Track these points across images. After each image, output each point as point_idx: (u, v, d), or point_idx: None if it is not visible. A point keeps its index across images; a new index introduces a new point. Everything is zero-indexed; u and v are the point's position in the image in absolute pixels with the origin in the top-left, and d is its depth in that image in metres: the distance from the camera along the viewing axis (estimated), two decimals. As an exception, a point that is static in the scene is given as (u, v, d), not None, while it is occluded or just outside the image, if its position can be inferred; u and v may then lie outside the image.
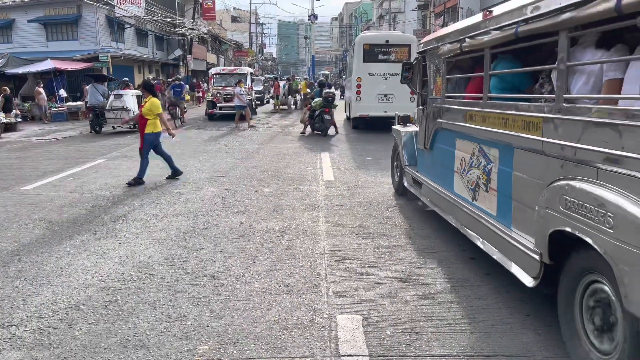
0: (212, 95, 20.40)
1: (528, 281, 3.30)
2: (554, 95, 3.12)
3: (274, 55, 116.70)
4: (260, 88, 27.96)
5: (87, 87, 18.61)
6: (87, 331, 3.38)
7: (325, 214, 6.24)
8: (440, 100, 5.19)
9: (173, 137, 8.80)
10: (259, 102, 25.82)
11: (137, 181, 7.99)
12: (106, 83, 19.04)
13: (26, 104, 21.13)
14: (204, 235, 5.44)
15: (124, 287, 4.10)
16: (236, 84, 17.89)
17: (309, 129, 14.85)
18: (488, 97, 4.03)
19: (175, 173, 8.52)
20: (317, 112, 14.40)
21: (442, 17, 37.49)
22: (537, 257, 3.17)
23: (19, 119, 18.13)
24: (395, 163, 7.34)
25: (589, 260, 2.72)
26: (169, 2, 34.76)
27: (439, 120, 5.22)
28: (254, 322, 3.48)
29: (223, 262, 4.61)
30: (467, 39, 4.33)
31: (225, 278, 4.25)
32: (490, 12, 4.07)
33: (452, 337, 3.25)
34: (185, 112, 20.22)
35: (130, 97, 15.96)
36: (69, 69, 23.25)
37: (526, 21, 3.34)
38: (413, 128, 6.77)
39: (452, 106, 4.88)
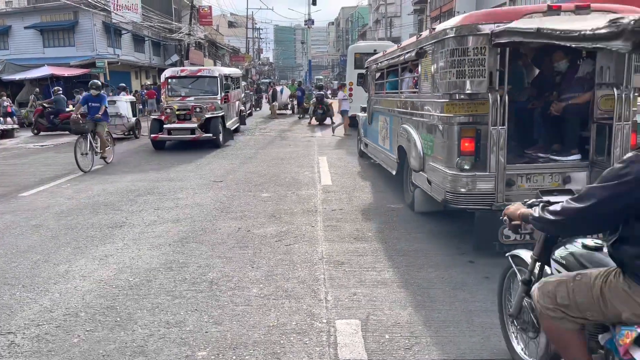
0: (160, 111, 13.58)
1: (394, 172, 7.21)
2: (400, 91, 7.05)
3: (271, 60, 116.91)
4: (241, 96, 19.82)
5: (79, 95, 18.56)
6: (85, 338, 3.38)
7: (323, 218, 6.24)
8: (373, 95, 9.11)
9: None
10: (244, 113, 19.20)
11: None
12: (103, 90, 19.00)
13: (23, 111, 21.10)
14: (202, 240, 5.43)
15: (122, 293, 4.09)
16: (338, 88, 17.85)
17: (314, 120, 19.93)
18: (386, 92, 8.02)
19: None
20: (313, 108, 19.66)
21: (438, 21, 37.65)
22: (396, 160, 6.97)
23: (15, 125, 18.10)
24: (358, 137, 11.26)
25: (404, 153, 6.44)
26: (166, 7, 34.84)
27: (373, 106, 9.03)
28: (253, 327, 3.48)
29: (221, 268, 4.61)
30: (379, 63, 8.36)
31: (224, 283, 4.25)
32: (384, 51, 8.24)
33: (451, 341, 3.25)
34: (109, 145, 10.95)
35: (124, 104, 15.86)
36: (66, 75, 23.25)
37: (392, 58, 7.31)
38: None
39: (377, 98, 8.73)
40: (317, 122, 19.51)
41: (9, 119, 17.93)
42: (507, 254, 2.89)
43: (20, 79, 22.39)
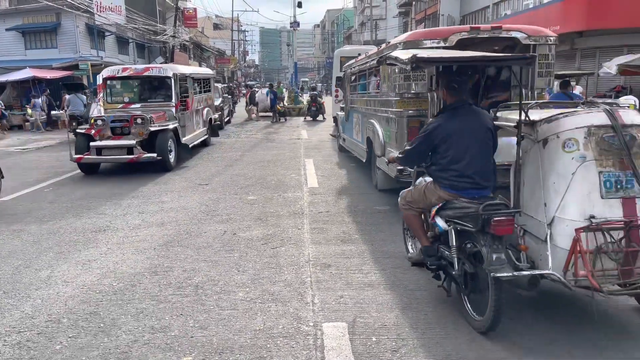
0: (90, 123, 10.07)
1: (364, 160, 8.47)
2: (368, 92, 8.46)
3: (257, 62, 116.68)
4: (218, 102, 18.05)
5: (67, 96, 18.28)
6: (68, 345, 3.32)
7: (310, 221, 6.23)
8: (349, 96, 10.51)
9: None
10: (218, 122, 16.64)
11: None
12: (87, 92, 18.80)
13: (29, 110, 20.71)
14: (188, 244, 5.38)
15: (105, 298, 4.03)
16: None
17: (309, 118, 22.66)
18: (358, 93, 9.46)
19: None
20: (308, 106, 22.47)
21: (423, 23, 37.90)
22: (365, 149, 8.27)
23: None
24: (337, 133, 12.64)
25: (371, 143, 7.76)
26: (150, 9, 34.57)
27: (350, 105, 10.35)
28: (239, 331, 3.45)
29: (207, 272, 4.57)
30: (353, 68, 9.67)
31: (210, 287, 4.21)
32: (356, 58, 9.68)
33: (437, 343, 3.26)
34: None
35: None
36: (48, 77, 22.93)
37: (362, 64, 8.79)
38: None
39: (352, 98, 10.14)
40: (311, 118, 22.42)
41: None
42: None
43: (2, 81, 22.03)
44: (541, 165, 3.43)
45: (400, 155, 3.97)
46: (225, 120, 20.35)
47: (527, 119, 3.52)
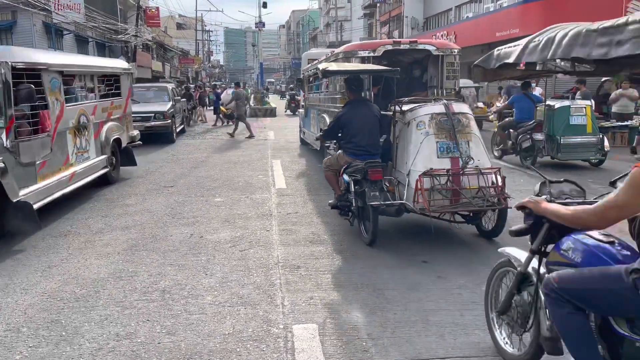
0: None
1: (318, 148, 10.18)
2: (320, 91, 10.44)
3: (222, 63, 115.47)
4: (167, 107, 14.71)
5: None
6: (28, 355, 3.19)
7: (279, 222, 6.19)
8: (307, 95, 12.21)
9: None
10: (135, 142, 10.10)
11: None
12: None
13: None
14: (153, 248, 5.26)
15: (67, 306, 3.90)
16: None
17: (289, 112, 26.79)
18: (313, 92, 11.13)
19: None
20: (287, 103, 27.84)
21: (388, 25, 38.31)
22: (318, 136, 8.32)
23: None
24: (299, 128, 13.91)
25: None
26: (111, 8, 33.73)
27: (308, 103, 11.97)
28: (208, 336, 3.39)
29: (174, 276, 4.48)
30: (309, 71, 10.74)
31: (177, 292, 4.13)
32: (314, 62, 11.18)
33: (407, 341, 3.28)
34: None
35: None
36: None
37: (315, 68, 10.05)
38: None
39: (309, 97, 11.79)
40: (291, 113, 25.84)
41: None
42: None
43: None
44: (406, 138, 5.31)
45: (321, 134, 6.45)
46: (178, 129, 16.19)
47: (400, 110, 5.43)
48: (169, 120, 14.42)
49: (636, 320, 2.04)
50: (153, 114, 14.01)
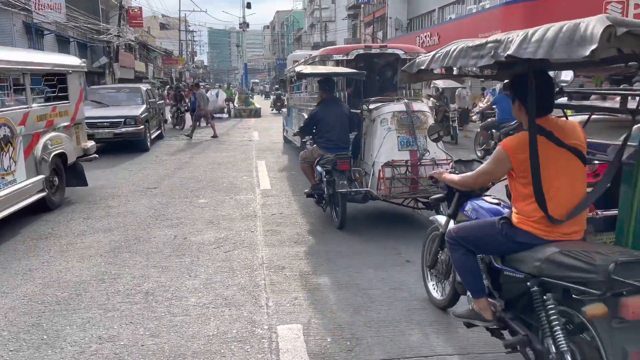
0: None
1: (299, 145, 10.15)
2: (300, 92, 11.49)
3: (206, 63, 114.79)
4: (139, 111, 12.88)
5: None
6: (9, 359, 3.14)
7: (263, 223, 6.18)
8: (289, 95, 13.14)
9: None
10: (93, 153, 8.53)
11: None
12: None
13: None
14: (136, 250, 5.22)
15: (48, 309, 3.85)
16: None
17: (275, 110, 28.21)
18: (294, 93, 12.22)
19: None
20: (273, 103, 29.48)
21: (372, 26, 38.46)
22: (296, 132, 8.69)
23: None
24: (283, 127, 14.57)
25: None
26: (92, 8, 33.32)
27: (290, 102, 12.82)
28: (192, 338, 3.38)
29: (157, 278, 4.45)
30: (290, 73, 10.85)
31: (160, 294, 4.10)
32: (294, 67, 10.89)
33: (391, 340, 3.31)
34: None
35: None
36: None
37: (291, 72, 11.52)
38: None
39: (291, 97, 12.63)
40: (277, 111, 26.89)
41: None
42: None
43: None
44: (371, 133, 5.93)
45: (298, 130, 7.14)
46: (154, 135, 14.42)
47: (367, 108, 6.08)
48: (142, 126, 12.63)
49: (506, 257, 2.70)
50: (123, 119, 12.38)
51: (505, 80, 9.55)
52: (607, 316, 2.12)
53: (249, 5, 36.35)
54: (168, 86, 29.73)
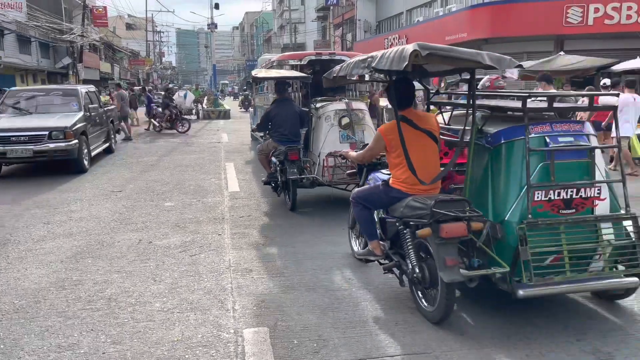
0: None
1: (261, 138, 9.46)
2: (263, 92, 12.69)
3: (174, 64, 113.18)
4: (71, 121, 9.72)
5: None
6: (-40, 372, 3.01)
7: (231, 226, 6.11)
8: (255, 95, 14.09)
9: None
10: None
11: None
12: None
13: None
14: (99, 255, 5.09)
15: (5, 318, 3.71)
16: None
17: (243, 109, 29.42)
18: (258, 94, 13.34)
19: None
20: (242, 101, 30.92)
21: (341, 28, 38.63)
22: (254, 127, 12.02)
23: None
24: (250, 125, 15.44)
25: None
26: (55, 7, 32.42)
27: (255, 102, 13.88)
28: (156, 343, 3.31)
29: (120, 283, 4.34)
30: (257, 77, 9.07)
31: (123, 300, 4.00)
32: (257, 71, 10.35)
33: (357, 341, 3.31)
34: None
35: None
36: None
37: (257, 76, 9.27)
38: None
39: (256, 97, 13.73)
40: (245, 110, 27.87)
41: None
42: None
43: None
44: (318, 128, 6.92)
45: (255, 126, 8.60)
46: (95, 152, 11.19)
47: (314, 107, 7.02)
48: (75, 141, 9.50)
49: (388, 209, 3.81)
50: (48, 132, 9.30)
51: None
52: (431, 236, 3.26)
53: (217, 6, 36.08)
54: (166, 87, 28.29)
